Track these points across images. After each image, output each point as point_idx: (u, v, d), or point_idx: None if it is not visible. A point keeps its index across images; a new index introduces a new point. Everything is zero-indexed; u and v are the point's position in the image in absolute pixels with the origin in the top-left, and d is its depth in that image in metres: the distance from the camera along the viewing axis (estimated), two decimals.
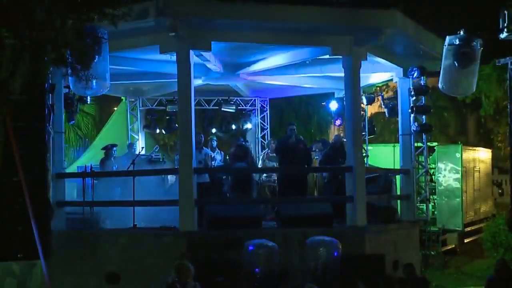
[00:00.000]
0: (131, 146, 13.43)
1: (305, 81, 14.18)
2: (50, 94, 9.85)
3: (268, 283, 8.95)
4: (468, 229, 17.45)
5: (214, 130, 15.71)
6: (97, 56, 8.53)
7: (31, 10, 6.34)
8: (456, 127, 27.40)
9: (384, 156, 15.79)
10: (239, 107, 15.76)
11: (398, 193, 12.55)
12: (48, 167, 9.58)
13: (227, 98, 15.27)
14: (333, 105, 14.82)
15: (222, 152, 13.85)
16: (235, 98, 15.62)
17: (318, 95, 17.76)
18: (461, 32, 10.48)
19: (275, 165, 12.81)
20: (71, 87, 10.21)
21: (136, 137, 15.33)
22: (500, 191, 23.96)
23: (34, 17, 6.41)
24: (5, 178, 8.35)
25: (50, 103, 9.89)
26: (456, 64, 10.45)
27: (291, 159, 11.63)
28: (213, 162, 12.43)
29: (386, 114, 13.61)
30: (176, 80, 9.97)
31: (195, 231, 9.67)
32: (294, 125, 12.19)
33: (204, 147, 12.26)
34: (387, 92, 20.34)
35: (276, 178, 12.71)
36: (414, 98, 12.14)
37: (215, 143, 13.59)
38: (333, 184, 11.69)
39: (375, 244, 10.17)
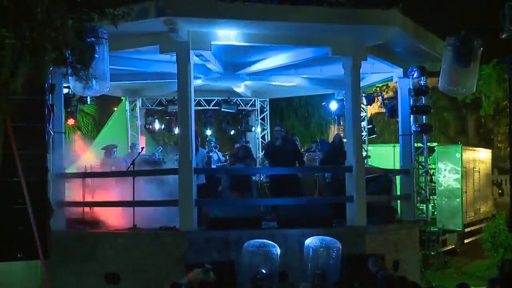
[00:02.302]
0: (134, 146, 13.40)
1: (305, 81, 14.18)
2: (50, 94, 9.84)
3: (268, 283, 8.95)
4: (468, 229, 17.46)
5: (209, 132, 15.72)
6: (97, 56, 8.52)
7: (31, 10, 6.34)
8: (456, 127, 27.43)
9: (384, 156, 15.79)
10: (239, 107, 15.78)
11: (398, 193, 12.55)
12: (48, 167, 9.57)
13: (227, 98, 15.28)
14: (333, 105, 14.85)
15: (219, 152, 13.86)
16: (235, 98, 15.63)
17: (318, 95, 17.78)
18: (461, 32, 10.48)
19: None
20: (71, 87, 10.21)
21: (136, 137, 15.33)
22: (500, 191, 23.99)
23: (34, 17, 6.41)
24: (5, 178, 8.35)
25: (50, 103, 9.89)
26: (456, 64, 10.45)
27: (279, 161, 11.58)
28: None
29: (386, 113, 13.62)
30: (176, 80, 9.97)
31: (195, 231, 9.67)
32: (280, 126, 12.13)
33: (200, 148, 12.29)
34: (387, 92, 20.34)
35: None
36: (414, 98, 12.14)
37: (213, 144, 13.60)
38: (335, 184, 11.68)
39: (375, 244, 10.17)
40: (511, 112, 13.52)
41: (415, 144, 12.36)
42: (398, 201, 12.64)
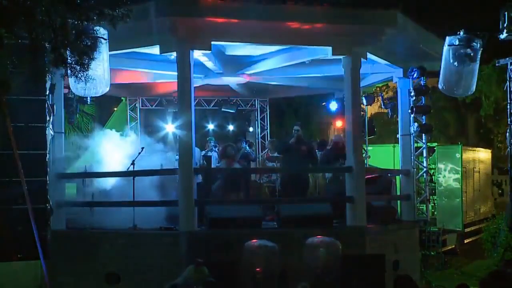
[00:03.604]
0: None
1: (305, 82, 14.19)
2: (50, 94, 9.85)
3: (268, 283, 8.95)
4: (468, 229, 17.44)
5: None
6: (96, 57, 8.51)
7: (30, 10, 6.34)
8: (456, 127, 27.37)
9: (384, 156, 15.79)
10: (239, 107, 15.79)
11: (398, 193, 12.55)
12: (48, 167, 9.58)
13: (227, 98, 15.29)
14: (333, 105, 14.85)
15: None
16: (235, 98, 15.64)
17: (318, 95, 17.78)
18: (461, 32, 10.48)
19: (275, 166, 12.82)
20: (70, 87, 10.21)
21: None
22: (500, 191, 23.94)
23: (34, 17, 6.41)
24: (5, 178, 8.36)
25: (50, 103, 9.90)
26: (456, 64, 10.46)
27: (291, 160, 11.62)
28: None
29: (389, 113, 13.61)
30: (176, 80, 9.96)
31: (195, 231, 9.67)
32: (298, 126, 12.15)
33: (195, 147, 12.29)
34: (387, 92, 20.34)
35: (275, 178, 12.71)
36: (414, 98, 12.14)
37: (212, 143, 13.59)
38: (335, 185, 11.68)
39: (375, 244, 10.17)
40: (511, 112, 13.54)
41: (415, 144, 12.36)
42: (398, 201, 12.64)
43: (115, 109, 17.62)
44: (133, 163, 10.54)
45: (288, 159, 11.86)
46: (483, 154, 19.86)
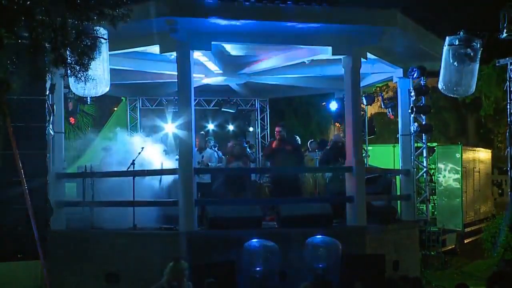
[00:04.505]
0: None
1: (305, 81, 14.19)
2: (50, 94, 9.85)
3: (268, 283, 8.96)
4: (468, 229, 17.44)
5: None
6: (96, 57, 8.51)
7: (30, 10, 6.34)
8: (456, 127, 27.39)
9: (384, 156, 15.79)
10: (239, 108, 15.79)
11: (398, 193, 12.55)
12: (48, 167, 9.58)
13: (227, 98, 15.29)
14: (333, 105, 14.86)
15: (219, 151, 13.85)
16: (235, 98, 15.64)
17: (318, 95, 17.78)
18: (461, 33, 10.49)
19: None
20: (71, 87, 10.22)
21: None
22: (500, 191, 23.96)
23: (34, 17, 6.41)
24: (5, 178, 8.36)
25: (50, 103, 9.90)
26: (456, 64, 10.47)
27: (276, 161, 11.60)
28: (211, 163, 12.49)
29: (391, 112, 13.63)
30: (176, 80, 9.97)
31: (195, 231, 9.67)
32: (281, 126, 12.07)
33: (208, 149, 12.32)
34: (387, 92, 20.35)
35: None
36: (414, 98, 12.14)
37: (212, 143, 13.60)
38: (335, 184, 11.68)
39: (375, 244, 10.17)
40: (511, 112, 13.55)
41: (415, 144, 12.37)
42: (398, 201, 12.64)
43: (115, 109, 17.61)
44: (133, 163, 10.54)
45: (273, 161, 11.85)
46: (483, 154, 19.86)
